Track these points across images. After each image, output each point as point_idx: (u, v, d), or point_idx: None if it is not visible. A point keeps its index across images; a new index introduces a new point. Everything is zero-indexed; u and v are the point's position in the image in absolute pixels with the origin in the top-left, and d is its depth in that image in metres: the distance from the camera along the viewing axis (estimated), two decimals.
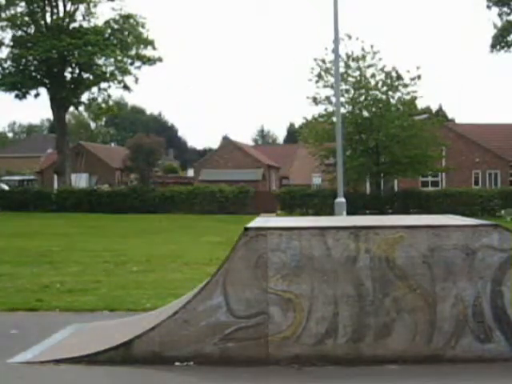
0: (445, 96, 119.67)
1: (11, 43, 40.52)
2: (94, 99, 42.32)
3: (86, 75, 41.18)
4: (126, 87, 42.36)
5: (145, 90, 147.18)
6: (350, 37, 30.75)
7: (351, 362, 5.83)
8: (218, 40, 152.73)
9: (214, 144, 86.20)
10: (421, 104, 39.79)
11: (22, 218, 30.18)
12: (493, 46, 43.20)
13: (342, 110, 22.91)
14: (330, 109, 31.53)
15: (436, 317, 5.91)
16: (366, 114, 32.61)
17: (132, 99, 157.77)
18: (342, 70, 28.88)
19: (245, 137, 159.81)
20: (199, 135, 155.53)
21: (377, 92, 32.11)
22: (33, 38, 39.48)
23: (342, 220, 8.89)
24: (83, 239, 19.34)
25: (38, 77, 40.84)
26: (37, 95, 41.26)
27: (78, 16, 41.07)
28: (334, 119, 23.78)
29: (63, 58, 38.88)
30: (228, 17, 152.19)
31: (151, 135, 50.88)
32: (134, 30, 41.15)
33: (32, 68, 40.60)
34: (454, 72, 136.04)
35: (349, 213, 20.00)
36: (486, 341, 5.89)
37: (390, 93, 32.15)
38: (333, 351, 5.87)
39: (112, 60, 40.34)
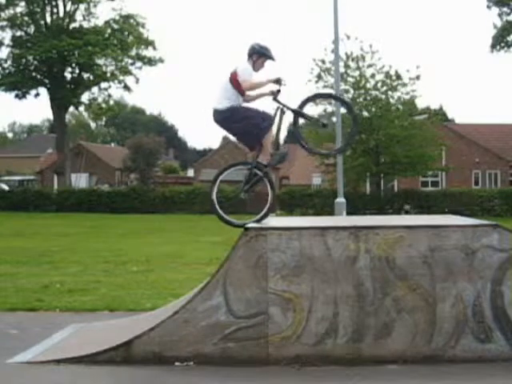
0: (445, 96, 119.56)
1: (11, 43, 40.53)
2: (95, 99, 42.34)
3: (86, 75, 41.20)
4: (126, 87, 42.40)
5: (145, 90, 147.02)
6: (348, 37, 30.77)
7: (351, 361, 5.83)
8: (218, 40, 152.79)
9: (214, 144, 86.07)
10: (421, 104, 39.79)
11: (22, 218, 30.18)
12: (493, 46, 43.23)
13: (342, 110, 22.95)
14: (330, 109, 31.56)
15: (436, 317, 5.90)
16: (365, 114, 32.62)
17: (132, 99, 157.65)
18: (341, 70, 28.85)
19: None
20: (199, 135, 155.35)
21: (376, 92, 32.12)
22: (33, 38, 39.50)
23: (342, 220, 8.90)
24: (83, 239, 19.34)
25: (38, 77, 40.85)
26: (37, 95, 41.31)
27: (78, 16, 41.16)
28: (334, 119, 23.76)
29: (63, 58, 38.88)
30: (228, 16, 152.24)
31: (151, 135, 50.79)
32: (134, 31, 41.15)
33: (32, 68, 40.61)
34: (454, 72, 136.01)
35: (349, 213, 20.00)
36: (486, 341, 5.89)
37: (390, 93, 32.17)
38: (333, 351, 5.87)
39: (112, 60, 40.34)
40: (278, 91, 6.49)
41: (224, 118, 6.47)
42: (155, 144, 46.99)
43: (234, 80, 6.44)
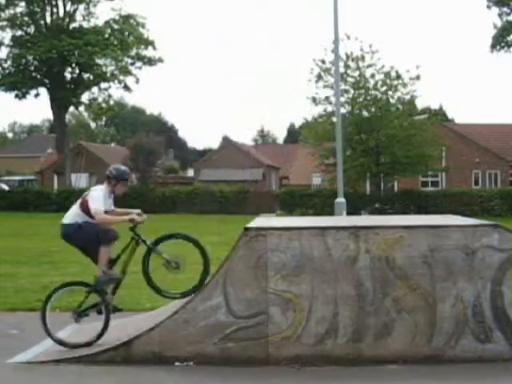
0: (445, 96, 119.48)
1: (11, 43, 40.51)
2: (95, 99, 42.33)
3: (86, 75, 41.18)
4: (126, 87, 42.38)
5: (145, 90, 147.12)
6: (348, 37, 30.80)
7: (351, 361, 5.83)
8: (218, 40, 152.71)
9: (214, 144, 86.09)
10: (421, 104, 39.85)
11: (21, 218, 30.17)
12: (493, 46, 43.20)
13: (342, 110, 22.94)
14: (330, 109, 31.58)
15: (436, 317, 5.91)
16: (365, 114, 32.63)
17: (132, 99, 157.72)
18: (341, 70, 28.86)
19: (245, 137, 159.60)
20: (199, 135, 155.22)
21: (376, 92, 32.13)
22: (33, 37, 39.45)
23: (342, 220, 8.89)
24: None
25: (38, 77, 40.81)
26: (37, 95, 41.26)
27: (78, 16, 41.12)
28: (334, 119, 23.78)
29: (63, 58, 38.83)
30: (228, 16, 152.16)
31: (151, 135, 50.79)
32: (134, 31, 41.14)
33: (32, 68, 40.58)
34: (454, 72, 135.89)
35: (349, 213, 20.00)
36: (486, 341, 5.89)
37: (390, 93, 32.19)
38: (333, 351, 5.87)
39: (112, 60, 40.32)
40: (136, 224, 6.91)
41: (68, 231, 6.88)
42: (155, 144, 47.00)
43: (85, 205, 6.83)
